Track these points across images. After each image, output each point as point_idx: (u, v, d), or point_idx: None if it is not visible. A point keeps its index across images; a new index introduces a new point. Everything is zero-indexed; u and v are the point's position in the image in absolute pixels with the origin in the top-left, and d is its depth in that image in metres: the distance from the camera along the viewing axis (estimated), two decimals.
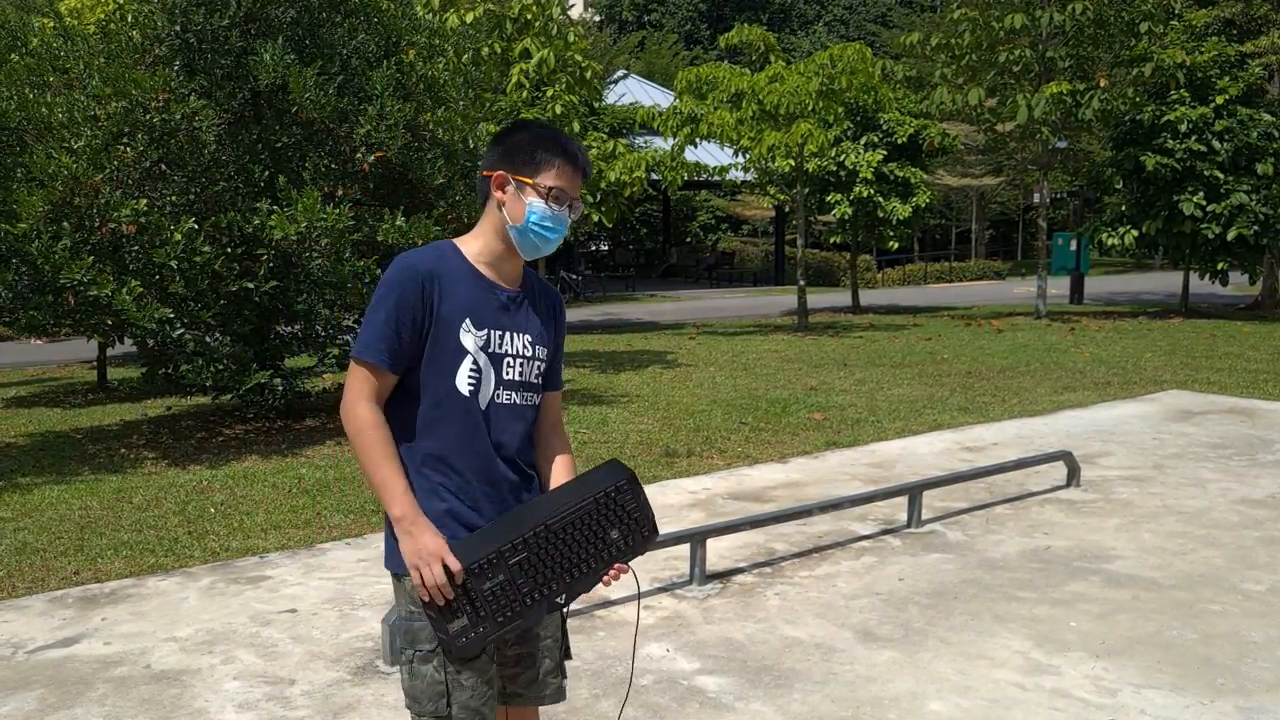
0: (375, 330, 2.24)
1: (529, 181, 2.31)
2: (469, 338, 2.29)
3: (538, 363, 2.43)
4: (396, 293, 2.25)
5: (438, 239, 8.26)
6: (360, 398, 2.24)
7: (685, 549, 4.97)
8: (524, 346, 2.39)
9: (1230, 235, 18.71)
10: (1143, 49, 18.87)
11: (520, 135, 2.37)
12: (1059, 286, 26.38)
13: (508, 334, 2.36)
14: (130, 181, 7.55)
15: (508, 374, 2.35)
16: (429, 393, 2.28)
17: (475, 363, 2.30)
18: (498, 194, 2.34)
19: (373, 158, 8.03)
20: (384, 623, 4.00)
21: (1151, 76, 18.83)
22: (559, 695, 2.56)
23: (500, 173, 2.33)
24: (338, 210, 7.46)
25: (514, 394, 2.37)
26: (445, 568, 2.14)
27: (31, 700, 3.73)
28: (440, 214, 8.81)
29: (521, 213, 2.32)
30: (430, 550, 2.15)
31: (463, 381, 2.29)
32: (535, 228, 2.32)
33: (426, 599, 2.16)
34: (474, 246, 2.38)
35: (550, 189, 2.31)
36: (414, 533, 2.17)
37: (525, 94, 16.09)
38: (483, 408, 2.32)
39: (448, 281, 2.29)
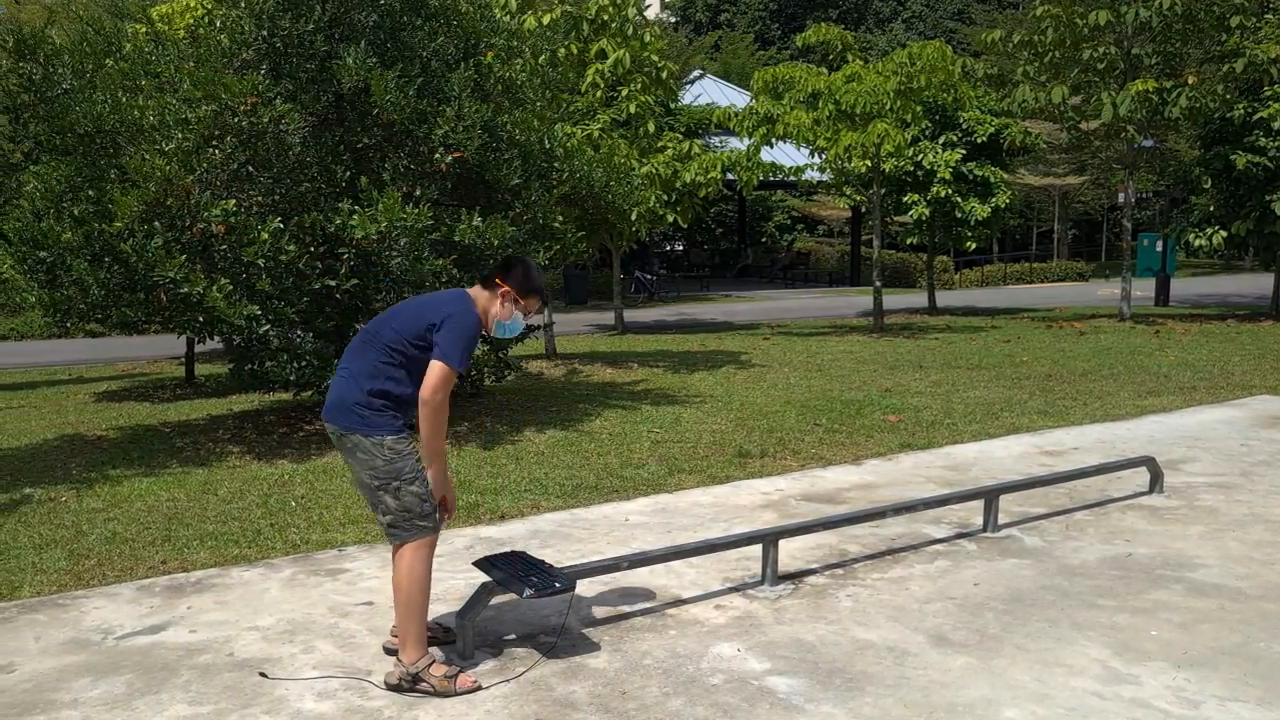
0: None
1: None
2: None
3: None
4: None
5: (514, 239, 8.39)
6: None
7: (757, 549, 4.97)
8: None
9: None
10: (1234, 44, 18.31)
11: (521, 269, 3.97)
12: (1144, 288, 25.75)
13: None
14: (219, 183, 7.75)
15: None
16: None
17: None
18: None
19: (450, 158, 8.14)
20: (458, 617, 4.07)
21: (1244, 73, 18.25)
22: None
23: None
24: (417, 210, 7.58)
25: None
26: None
27: (120, 684, 3.86)
28: (516, 214, 8.90)
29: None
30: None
31: None
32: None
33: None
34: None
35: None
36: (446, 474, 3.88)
37: (600, 94, 16.18)
38: None
39: None
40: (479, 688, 3.76)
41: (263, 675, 3.89)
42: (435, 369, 3.65)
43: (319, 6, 8.11)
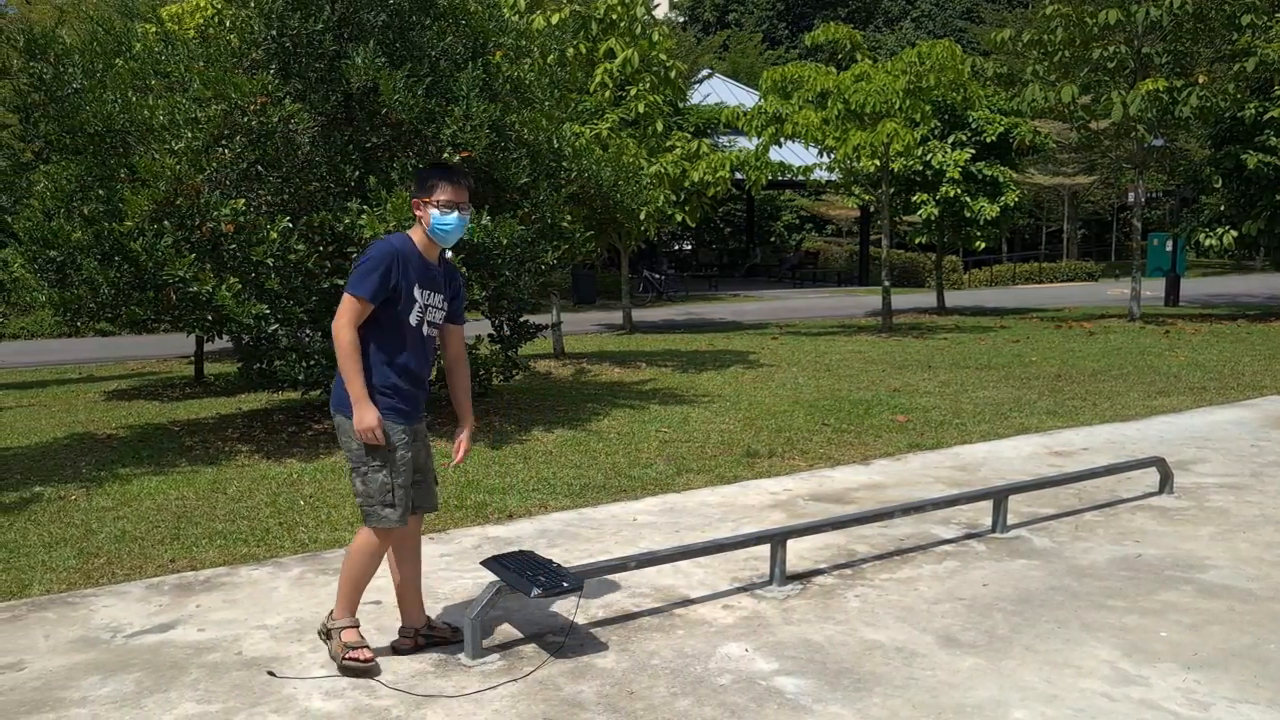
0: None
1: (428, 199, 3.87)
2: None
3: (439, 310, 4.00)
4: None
5: (522, 238, 8.40)
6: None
7: (765, 549, 4.96)
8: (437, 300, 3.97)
9: None
10: (1245, 43, 18.25)
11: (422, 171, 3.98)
12: (1154, 288, 25.67)
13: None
14: (228, 182, 7.77)
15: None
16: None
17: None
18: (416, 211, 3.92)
19: (459, 157, 8.15)
20: (466, 617, 4.07)
21: (1255, 72, 18.19)
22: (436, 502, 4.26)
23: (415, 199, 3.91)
24: None
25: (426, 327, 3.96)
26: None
27: (129, 683, 3.87)
28: (525, 213, 8.90)
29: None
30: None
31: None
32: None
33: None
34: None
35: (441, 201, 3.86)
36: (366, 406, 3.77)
37: (609, 94, 16.19)
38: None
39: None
40: (371, 666, 3.87)
41: (271, 674, 3.90)
42: (342, 299, 3.78)
43: (328, 6, 8.12)
